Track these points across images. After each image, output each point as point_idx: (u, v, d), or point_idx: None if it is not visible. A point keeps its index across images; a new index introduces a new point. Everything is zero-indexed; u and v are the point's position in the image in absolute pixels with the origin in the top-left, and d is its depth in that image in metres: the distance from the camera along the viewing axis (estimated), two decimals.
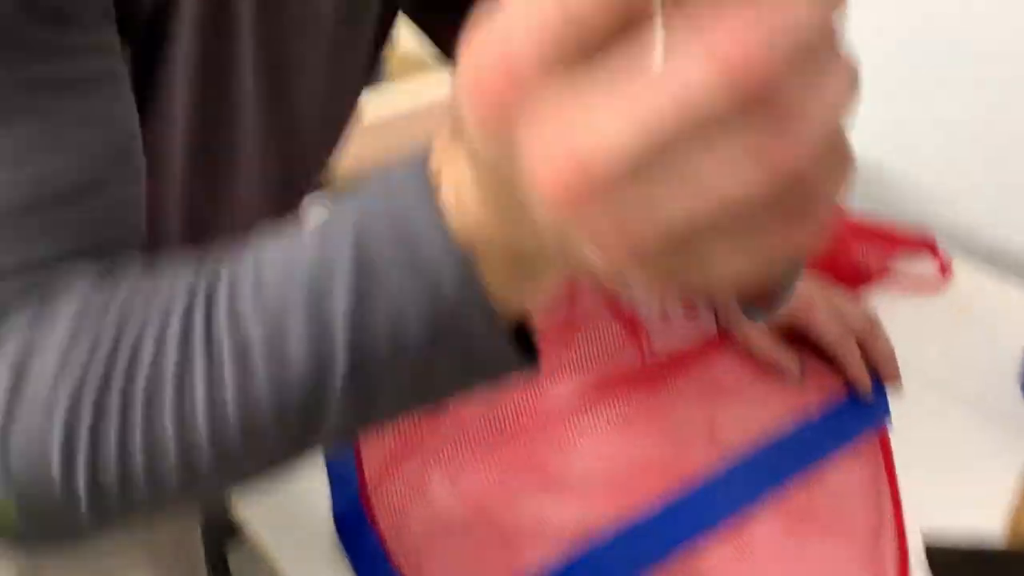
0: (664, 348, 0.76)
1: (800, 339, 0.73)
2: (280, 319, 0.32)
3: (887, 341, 0.73)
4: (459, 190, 0.29)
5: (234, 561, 1.35)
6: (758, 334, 0.74)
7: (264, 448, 0.34)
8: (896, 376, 0.72)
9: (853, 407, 0.70)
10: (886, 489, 0.63)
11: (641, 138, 0.19)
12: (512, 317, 0.32)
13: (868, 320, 0.74)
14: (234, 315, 0.32)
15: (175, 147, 0.48)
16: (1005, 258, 0.85)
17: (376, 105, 1.08)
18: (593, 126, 0.20)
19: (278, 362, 0.32)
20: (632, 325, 0.78)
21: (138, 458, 0.33)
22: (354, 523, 0.61)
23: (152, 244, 0.42)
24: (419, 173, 0.30)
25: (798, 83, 0.19)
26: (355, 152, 0.72)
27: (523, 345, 0.33)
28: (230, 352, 0.32)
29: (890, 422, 0.68)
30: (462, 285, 0.30)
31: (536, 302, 0.32)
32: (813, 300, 0.74)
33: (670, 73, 0.19)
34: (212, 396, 0.32)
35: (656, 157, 0.19)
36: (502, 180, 0.25)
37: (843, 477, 0.64)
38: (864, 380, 0.71)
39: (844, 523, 0.61)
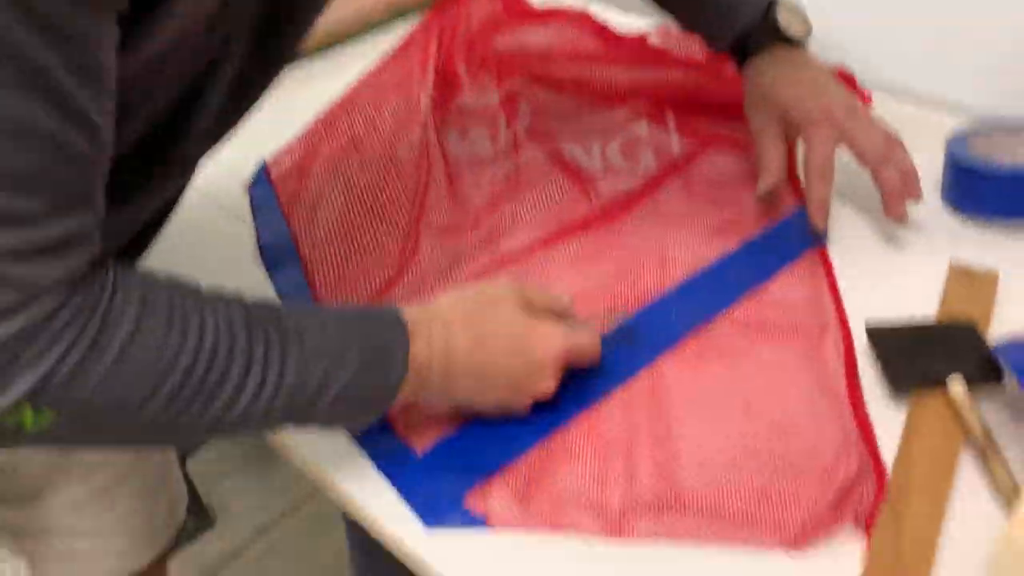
0: (610, 192, 0.78)
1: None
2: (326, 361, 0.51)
3: (912, 160, 0.71)
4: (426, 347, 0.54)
5: None
6: (772, 135, 0.74)
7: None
8: (920, 192, 0.71)
9: (794, 227, 0.73)
10: (828, 295, 0.67)
11: None
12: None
13: (894, 139, 0.71)
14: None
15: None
16: (918, 88, 0.90)
17: None
18: None
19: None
20: (577, 175, 0.80)
21: None
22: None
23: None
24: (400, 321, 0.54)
25: None
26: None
27: None
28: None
29: (828, 239, 0.72)
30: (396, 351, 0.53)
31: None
32: (854, 109, 0.71)
33: None
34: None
35: None
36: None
37: (788, 290, 0.68)
38: (913, 194, 0.70)
39: (792, 326, 0.65)
